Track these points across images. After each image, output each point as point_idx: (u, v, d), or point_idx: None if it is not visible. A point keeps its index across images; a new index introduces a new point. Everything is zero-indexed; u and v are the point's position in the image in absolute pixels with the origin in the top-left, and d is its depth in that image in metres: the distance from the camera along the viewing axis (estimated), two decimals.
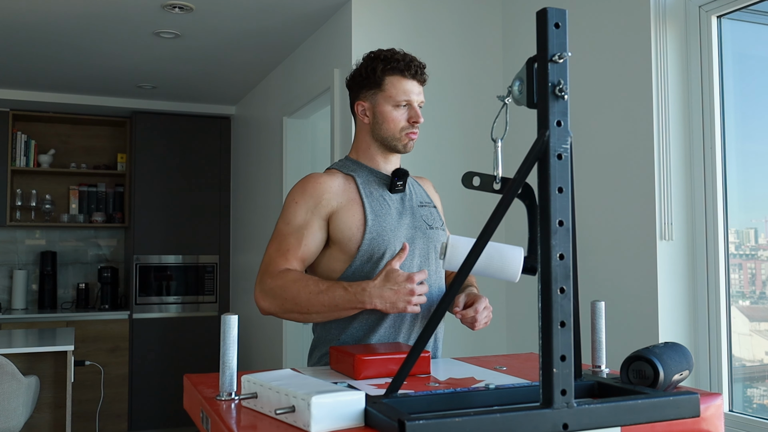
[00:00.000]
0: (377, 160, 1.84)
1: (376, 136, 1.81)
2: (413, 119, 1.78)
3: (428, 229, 1.83)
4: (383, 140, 1.81)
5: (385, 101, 1.78)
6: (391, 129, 1.79)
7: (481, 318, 1.73)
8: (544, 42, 0.97)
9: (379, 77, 1.78)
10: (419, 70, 1.80)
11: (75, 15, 3.58)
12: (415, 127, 1.80)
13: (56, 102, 5.30)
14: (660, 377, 1.12)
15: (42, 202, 5.56)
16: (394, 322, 1.76)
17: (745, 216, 2.46)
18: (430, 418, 0.90)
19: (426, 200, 1.89)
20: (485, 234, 1.03)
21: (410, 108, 1.79)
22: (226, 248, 5.69)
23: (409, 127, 1.79)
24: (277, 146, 4.41)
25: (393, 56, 1.79)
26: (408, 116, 1.79)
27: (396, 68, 1.77)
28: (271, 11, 3.52)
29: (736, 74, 2.47)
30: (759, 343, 2.46)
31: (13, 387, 3.11)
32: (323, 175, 1.80)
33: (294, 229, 1.73)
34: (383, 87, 1.78)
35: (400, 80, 1.78)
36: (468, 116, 3.33)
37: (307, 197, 1.75)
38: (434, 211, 1.89)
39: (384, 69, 1.78)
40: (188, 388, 1.33)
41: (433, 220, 1.86)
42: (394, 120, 1.78)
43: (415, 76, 1.79)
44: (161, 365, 5.38)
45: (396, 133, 1.79)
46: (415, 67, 1.79)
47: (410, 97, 1.78)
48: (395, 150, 1.82)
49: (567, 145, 0.97)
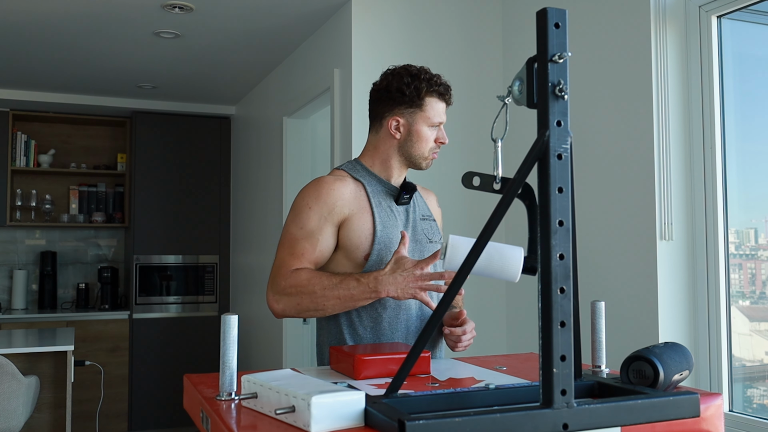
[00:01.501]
0: (393, 173, 1.87)
1: (403, 152, 1.84)
2: (440, 140, 1.84)
3: (428, 242, 1.87)
4: (411, 157, 1.84)
5: (423, 121, 1.82)
6: (422, 148, 1.83)
7: (465, 340, 1.77)
8: (544, 42, 0.97)
9: (421, 96, 1.81)
10: (449, 94, 1.86)
11: (75, 15, 3.58)
12: (439, 147, 1.86)
13: (56, 102, 5.30)
14: (660, 377, 1.12)
15: (42, 202, 5.56)
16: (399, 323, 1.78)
17: (745, 216, 2.46)
18: (430, 418, 0.90)
19: (427, 213, 1.93)
20: (485, 234, 1.03)
21: (439, 129, 1.84)
22: (226, 248, 5.69)
23: (435, 148, 1.85)
24: (277, 146, 4.41)
25: (433, 78, 1.83)
26: (436, 137, 1.84)
27: (437, 91, 1.82)
28: (271, 11, 3.52)
29: (736, 74, 2.47)
30: (759, 343, 2.46)
31: (13, 387, 3.11)
32: (336, 181, 1.81)
33: (307, 233, 1.75)
34: (423, 107, 1.81)
35: (438, 102, 1.83)
36: (468, 116, 3.32)
37: (321, 203, 1.76)
38: (434, 224, 1.93)
39: (427, 90, 1.82)
40: (188, 388, 1.33)
41: (433, 234, 1.90)
42: (427, 140, 1.82)
43: (446, 100, 1.85)
44: (161, 365, 5.38)
45: (425, 152, 1.83)
46: (449, 91, 1.85)
47: (443, 119, 1.85)
48: (418, 167, 1.86)
49: (567, 145, 0.97)
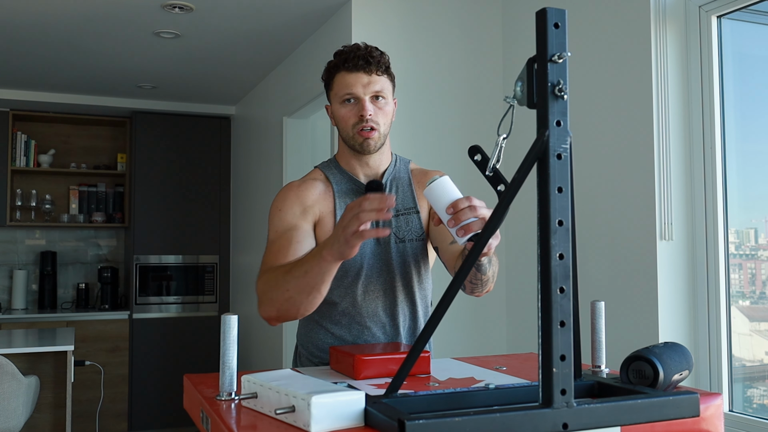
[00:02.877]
0: (353, 165, 1.74)
1: (342, 138, 1.73)
2: (360, 113, 1.65)
3: (398, 242, 1.71)
4: (345, 141, 1.71)
5: (335, 100, 1.69)
6: (344, 128, 1.69)
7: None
8: (544, 42, 0.97)
9: (329, 77, 1.71)
10: (362, 59, 1.64)
11: (75, 15, 3.58)
12: (367, 122, 1.65)
13: (56, 102, 5.30)
14: (660, 377, 1.12)
15: (42, 202, 5.56)
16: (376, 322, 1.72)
17: (745, 216, 2.46)
18: (430, 418, 0.90)
19: (409, 206, 1.75)
20: (485, 234, 1.04)
21: (357, 102, 1.66)
22: (226, 248, 5.69)
23: (359, 123, 1.65)
24: (277, 146, 4.41)
25: (338, 53, 1.69)
26: (355, 111, 1.66)
27: (337, 65, 1.68)
28: (271, 11, 3.52)
29: (736, 74, 2.47)
30: (759, 343, 2.46)
31: (13, 387, 3.11)
32: (303, 184, 1.72)
33: (282, 232, 1.64)
34: (332, 86, 1.70)
35: (343, 75, 1.66)
36: (468, 116, 3.32)
37: (289, 204, 1.67)
38: (414, 218, 1.74)
39: (330, 68, 1.70)
40: (188, 388, 1.33)
41: (407, 232, 1.72)
42: (343, 118, 1.68)
43: (356, 67, 1.64)
44: (161, 365, 5.38)
45: (349, 131, 1.68)
46: (355, 58, 1.65)
47: (352, 91, 1.65)
48: (357, 150, 1.70)
49: (567, 145, 0.97)
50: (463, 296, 1.76)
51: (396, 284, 1.72)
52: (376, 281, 1.71)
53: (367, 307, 1.71)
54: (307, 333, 1.79)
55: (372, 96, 1.67)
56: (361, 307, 1.71)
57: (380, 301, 1.72)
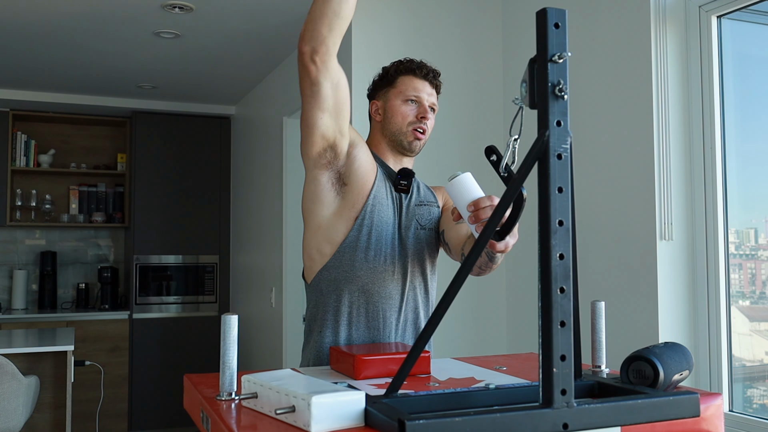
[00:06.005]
0: (387, 158, 1.86)
1: (385, 132, 1.84)
2: (421, 114, 1.81)
3: (419, 229, 1.82)
4: (391, 135, 1.83)
5: (395, 97, 1.83)
6: (398, 123, 1.82)
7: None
8: (544, 42, 0.97)
9: (392, 76, 1.85)
10: (432, 73, 1.85)
11: (75, 15, 3.58)
12: (423, 123, 1.82)
13: (56, 102, 5.30)
14: (660, 377, 1.12)
15: (42, 202, 5.56)
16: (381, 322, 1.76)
17: (745, 216, 2.46)
18: (430, 418, 0.90)
19: (430, 199, 1.88)
20: (485, 234, 1.04)
21: (420, 105, 1.83)
22: (226, 248, 5.69)
23: (416, 122, 1.81)
24: (277, 146, 4.41)
25: (407, 59, 1.87)
26: (416, 112, 1.82)
27: (408, 68, 1.84)
28: (271, 11, 3.52)
29: (736, 74, 2.47)
30: (759, 343, 2.46)
31: (13, 387, 3.11)
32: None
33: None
34: (395, 84, 1.84)
35: (411, 79, 1.83)
36: (468, 116, 3.33)
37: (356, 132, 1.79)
38: (434, 210, 1.86)
39: (397, 69, 1.85)
40: (188, 388, 1.33)
41: (428, 221, 1.84)
42: (402, 114, 1.82)
43: (426, 77, 1.84)
44: (161, 365, 5.38)
45: (403, 127, 1.81)
46: (427, 69, 1.85)
47: (420, 94, 1.82)
48: (401, 146, 1.82)
49: (567, 145, 0.97)
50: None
51: (414, 267, 1.80)
52: (391, 264, 1.77)
53: (385, 287, 1.77)
54: (321, 330, 1.85)
55: (430, 105, 1.85)
56: (377, 284, 1.76)
57: (397, 284, 1.78)
